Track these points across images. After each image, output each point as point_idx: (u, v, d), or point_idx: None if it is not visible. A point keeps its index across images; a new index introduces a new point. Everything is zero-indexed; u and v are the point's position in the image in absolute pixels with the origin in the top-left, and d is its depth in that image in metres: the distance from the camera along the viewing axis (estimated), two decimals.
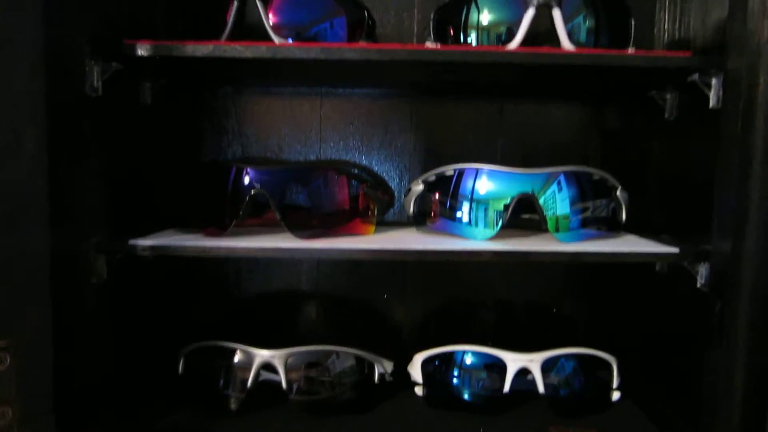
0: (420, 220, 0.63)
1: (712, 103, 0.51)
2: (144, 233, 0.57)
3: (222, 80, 0.71)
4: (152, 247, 0.54)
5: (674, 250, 0.53)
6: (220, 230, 0.57)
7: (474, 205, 0.58)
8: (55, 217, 0.46)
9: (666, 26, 0.64)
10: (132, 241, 0.54)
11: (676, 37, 0.62)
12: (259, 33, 0.55)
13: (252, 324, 0.73)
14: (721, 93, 0.51)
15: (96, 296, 0.53)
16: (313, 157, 0.72)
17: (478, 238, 0.57)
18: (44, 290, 0.46)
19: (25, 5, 0.43)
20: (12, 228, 0.43)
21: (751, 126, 0.46)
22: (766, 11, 0.45)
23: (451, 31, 0.59)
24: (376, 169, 0.73)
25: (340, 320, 0.74)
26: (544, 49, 0.53)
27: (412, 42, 0.68)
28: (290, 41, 0.56)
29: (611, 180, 0.59)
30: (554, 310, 0.73)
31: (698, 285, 0.53)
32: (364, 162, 0.72)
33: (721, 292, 0.50)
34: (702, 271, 0.53)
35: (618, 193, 0.59)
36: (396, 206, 0.70)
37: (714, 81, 0.51)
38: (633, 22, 0.56)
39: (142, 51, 0.51)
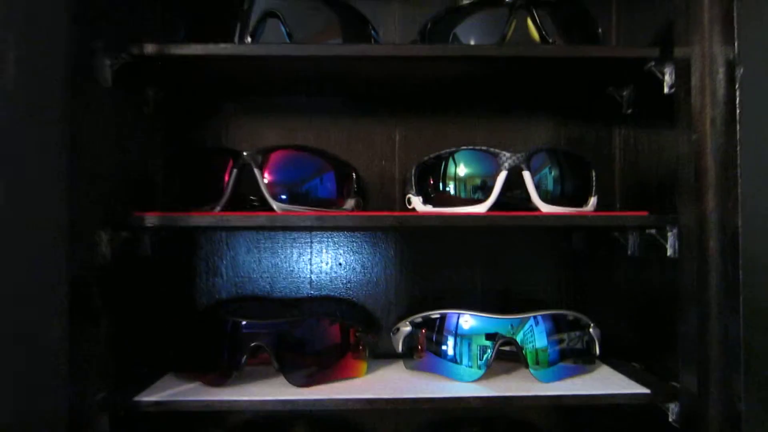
0: (408, 355, 0.67)
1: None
2: (143, 380, 0.60)
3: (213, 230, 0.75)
4: (157, 403, 0.56)
5: (646, 391, 0.58)
6: (221, 379, 0.60)
7: (459, 346, 0.62)
8: (73, 375, 0.49)
9: None
10: (137, 398, 0.57)
11: None
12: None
13: None
14: None
15: None
16: (304, 287, 0.76)
17: (465, 379, 0.61)
18: None
19: (51, 186, 0.48)
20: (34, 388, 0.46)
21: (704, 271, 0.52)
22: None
23: (431, 182, 0.65)
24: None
25: None
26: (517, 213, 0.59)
27: (394, 187, 0.74)
28: (284, 197, 0.61)
29: (584, 319, 0.64)
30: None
31: (670, 419, 0.57)
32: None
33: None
34: (673, 408, 0.57)
35: (591, 330, 0.64)
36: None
37: None
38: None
39: (150, 222, 0.56)
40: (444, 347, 0.63)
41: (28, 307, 0.45)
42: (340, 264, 0.75)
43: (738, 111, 0.49)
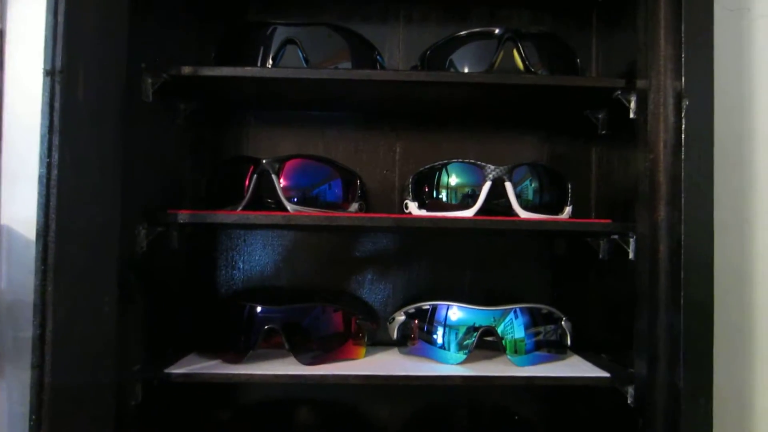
0: (402, 342, 0.76)
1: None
2: (169, 358, 0.69)
3: (233, 228, 0.84)
4: (185, 375, 0.65)
5: (606, 375, 0.67)
6: (238, 357, 0.69)
7: (447, 334, 0.71)
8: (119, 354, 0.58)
9: None
10: (167, 370, 0.66)
11: None
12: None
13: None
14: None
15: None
16: (311, 280, 0.85)
17: (451, 362, 0.70)
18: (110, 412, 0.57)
19: (108, 184, 0.57)
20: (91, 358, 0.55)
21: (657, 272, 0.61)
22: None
23: (426, 189, 0.74)
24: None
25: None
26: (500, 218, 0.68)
27: (393, 193, 0.84)
28: (297, 200, 0.71)
29: (557, 313, 0.73)
30: (516, 417, 0.85)
31: (629, 401, 0.66)
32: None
33: (642, 410, 0.63)
34: (630, 392, 0.66)
35: (563, 322, 0.73)
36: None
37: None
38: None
39: (182, 219, 0.65)
40: (434, 335, 0.72)
41: (88, 287, 0.54)
42: (344, 261, 0.84)
43: (683, 136, 0.58)
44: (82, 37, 0.53)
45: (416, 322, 0.74)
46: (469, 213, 0.69)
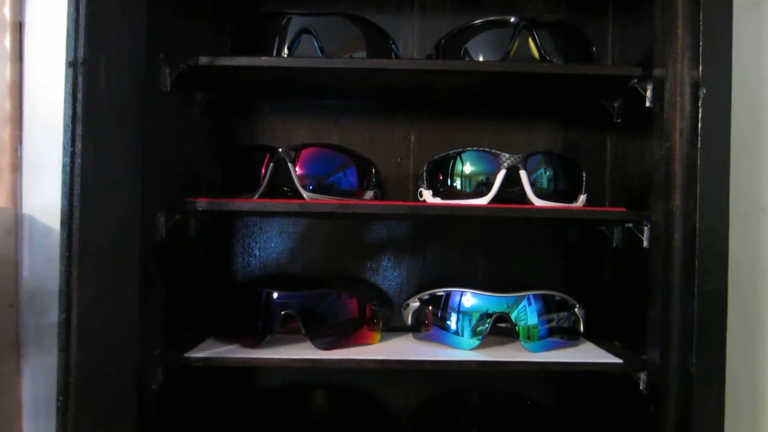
0: (416, 328, 0.77)
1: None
2: (188, 343, 0.71)
3: (250, 215, 0.85)
4: (204, 359, 0.67)
5: (619, 361, 0.67)
6: (256, 341, 0.70)
7: (460, 320, 0.72)
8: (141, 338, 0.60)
9: None
10: (187, 354, 0.67)
11: None
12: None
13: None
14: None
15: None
16: (327, 267, 0.86)
17: (464, 347, 0.71)
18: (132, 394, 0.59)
19: (130, 172, 0.58)
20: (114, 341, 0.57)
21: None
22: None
23: (440, 177, 0.75)
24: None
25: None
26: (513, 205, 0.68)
27: (408, 182, 0.84)
28: (312, 188, 0.71)
29: (571, 300, 0.73)
30: (528, 402, 0.86)
31: (641, 387, 0.67)
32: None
33: (654, 396, 0.64)
34: (643, 378, 0.66)
35: (576, 309, 0.74)
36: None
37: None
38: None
39: (200, 207, 0.66)
40: (448, 321, 0.73)
41: (111, 273, 0.56)
42: (360, 248, 0.85)
43: (700, 125, 0.58)
44: (102, 29, 0.54)
45: (430, 308, 0.75)
46: (483, 201, 0.69)
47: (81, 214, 0.53)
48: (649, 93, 0.67)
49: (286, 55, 0.71)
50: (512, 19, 0.72)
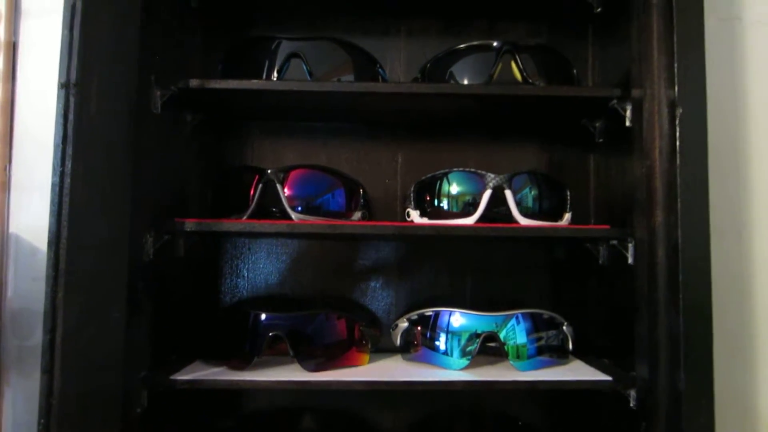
0: (405, 349, 0.76)
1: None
2: (174, 365, 0.70)
3: (239, 236, 0.86)
4: (190, 381, 0.66)
5: (608, 378, 0.67)
6: (243, 364, 0.70)
7: (449, 340, 0.72)
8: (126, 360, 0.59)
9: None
10: (173, 377, 0.66)
11: None
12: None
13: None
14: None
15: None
16: (315, 288, 0.86)
17: (454, 367, 0.71)
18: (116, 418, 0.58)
19: (119, 193, 0.58)
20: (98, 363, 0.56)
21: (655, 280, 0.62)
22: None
23: (427, 198, 0.76)
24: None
25: None
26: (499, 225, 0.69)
27: (395, 204, 0.85)
28: (301, 209, 0.72)
29: (559, 318, 0.74)
30: (519, 423, 0.85)
31: (631, 405, 0.67)
32: None
33: (644, 413, 0.64)
34: (632, 395, 0.67)
35: (565, 327, 0.74)
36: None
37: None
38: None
39: (189, 227, 0.66)
40: (437, 341, 0.73)
41: (98, 294, 0.55)
42: (347, 269, 0.86)
43: (678, 143, 0.60)
44: (95, 52, 0.55)
45: (419, 328, 0.75)
46: (470, 221, 0.70)
47: (69, 233, 0.54)
48: (628, 113, 0.69)
49: (275, 79, 0.72)
50: (495, 44, 0.74)
